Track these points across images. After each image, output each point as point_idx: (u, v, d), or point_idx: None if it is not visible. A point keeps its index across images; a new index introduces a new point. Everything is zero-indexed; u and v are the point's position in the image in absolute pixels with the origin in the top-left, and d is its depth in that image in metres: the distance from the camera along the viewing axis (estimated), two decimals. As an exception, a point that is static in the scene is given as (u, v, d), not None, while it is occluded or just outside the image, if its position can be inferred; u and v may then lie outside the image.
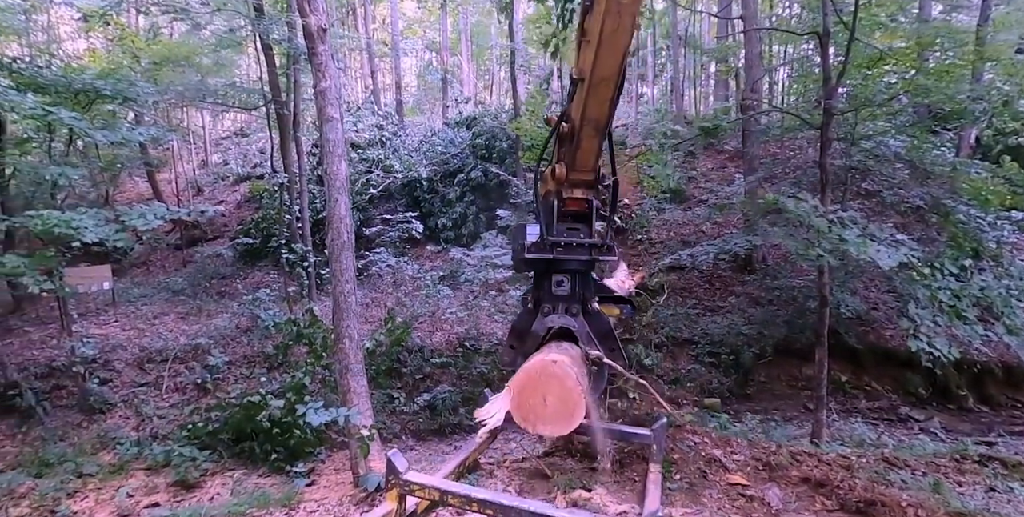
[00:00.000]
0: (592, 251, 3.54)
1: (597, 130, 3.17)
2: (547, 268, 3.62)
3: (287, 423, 7.59)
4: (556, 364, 2.99)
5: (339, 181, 7.03)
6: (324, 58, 7.23)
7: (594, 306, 3.67)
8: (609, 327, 3.64)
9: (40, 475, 7.87)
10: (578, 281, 3.63)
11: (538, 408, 3.01)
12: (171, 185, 21.27)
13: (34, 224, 7.16)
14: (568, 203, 3.49)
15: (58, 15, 23.83)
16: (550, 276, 3.64)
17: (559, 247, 3.46)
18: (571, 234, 3.53)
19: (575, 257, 3.53)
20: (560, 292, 3.64)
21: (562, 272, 3.61)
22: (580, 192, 3.46)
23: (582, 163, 3.30)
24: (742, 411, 9.57)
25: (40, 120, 8.50)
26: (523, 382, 3.06)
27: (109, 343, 10.87)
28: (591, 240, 3.54)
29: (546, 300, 3.69)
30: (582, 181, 3.39)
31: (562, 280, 3.62)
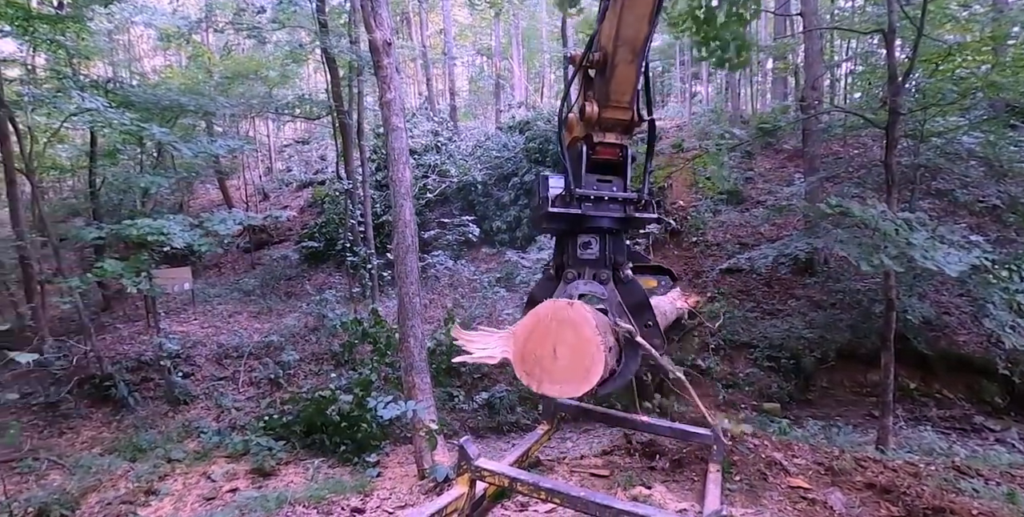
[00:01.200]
0: (627, 207, 3.05)
1: (633, 53, 2.76)
2: (572, 227, 3.11)
3: (355, 417, 8.02)
4: (572, 307, 2.52)
5: (404, 187, 7.37)
6: (389, 71, 7.60)
7: (627, 273, 3.10)
8: (645, 299, 3.10)
9: (135, 459, 8.61)
10: (609, 243, 3.12)
11: (546, 361, 2.55)
12: (239, 191, 22.48)
13: (131, 231, 7.86)
14: (599, 150, 3.02)
15: (137, 35, 25.65)
16: (575, 237, 3.15)
17: (588, 201, 2.96)
18: (602, 186, 3.05)
19: (607, 213, 3.03)
20: (587, 256, 3.14)
21: (590, 232, 3.11)
22: (613, 136, 3.01)
23: (617, 96, 2.86)
24: (803, 417, 9.39)
25: (133, 135, 9.29)
26: (530, 327, 2.60)
27: (190, 340, 11.69)
28: (626, 193, 3.06)
29: (571, 265, 3.18)
30: (616, 121, 2.93)
31: (589, 242, 3.12)
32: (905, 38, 9.83)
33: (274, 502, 4.88)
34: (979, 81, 8.14)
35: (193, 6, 21.34)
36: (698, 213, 14.73)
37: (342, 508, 5.00)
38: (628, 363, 3.02)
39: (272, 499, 4.94)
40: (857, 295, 10.95)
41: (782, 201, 12.99)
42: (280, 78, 17.38)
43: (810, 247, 10.17)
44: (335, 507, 5.00)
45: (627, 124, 2.96)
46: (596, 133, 2.97)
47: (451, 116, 21.75)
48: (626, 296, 3.08)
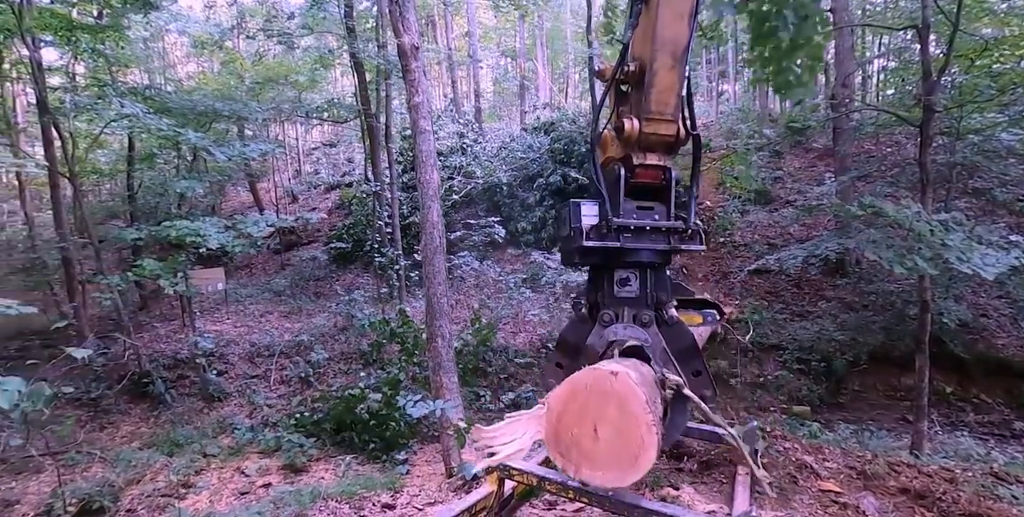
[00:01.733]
0: (671, 237, 2.72)
1: (674, 58, 2.51)
2: (609, 261, 2.79)
3: (383, 415, 8.16)
4: (616, 377, 2.11)
5: (431, 189, 7.48)
6: (417, 74, 7.72)
7: (672, 313, 2.76)
8: (693, 342, 2.76)
9: (172, 454, 8.89)
10: (651, 278, 2.78)
11: (585, 442, 2.13)
12: (269, 194, 22.95)
13: (169, 232, 8.14)
14: (639, 173, 2.69)
15: (171, 42, 26.37)
16: (612, 272, 2.81)
17: (627, 232, 2.64)
18: (643, 215, 2.72)
19: (649, 245, 2.70)
20: (626, 294, 2.79)
21: (629, 266, 2.77)
22: (655, 157, 2.69)
23: (660, 106, 2.57)
24: (834, 420, 9.24)
25: (170, 140, 9.61)
26: (566, 399, 2.21)
27: (223, 338, 12.01)
28: (670, 222, 2.72)
29: (607, 304, 2.83)
30: (659, 138, 2.61)
31: (628, 277, 2.78)
32: (940, 33, 9.60)
33: (308, 497, 5.02)
34: (1018, 76, 7.92)
35: (225, 14, 21.92)
36: (725, 213, 14.57)
37: (373, 504, 5.13)
38: (675, 419, 2.67)
39: (306, 494, 5.08)
40: (890, 297, 10.73)
41: (812, 201, 12.78)
42: (309, 82, 17.74)
43: (841, 248, 10.00)
44: (366, 503, 5.13)
45: (671, 141, 2.65)
46: (636, 154, 2.65)
47: (476, 118, 21.89)
48: (672, 340, 2.72)
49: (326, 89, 22.61)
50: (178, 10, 17.89)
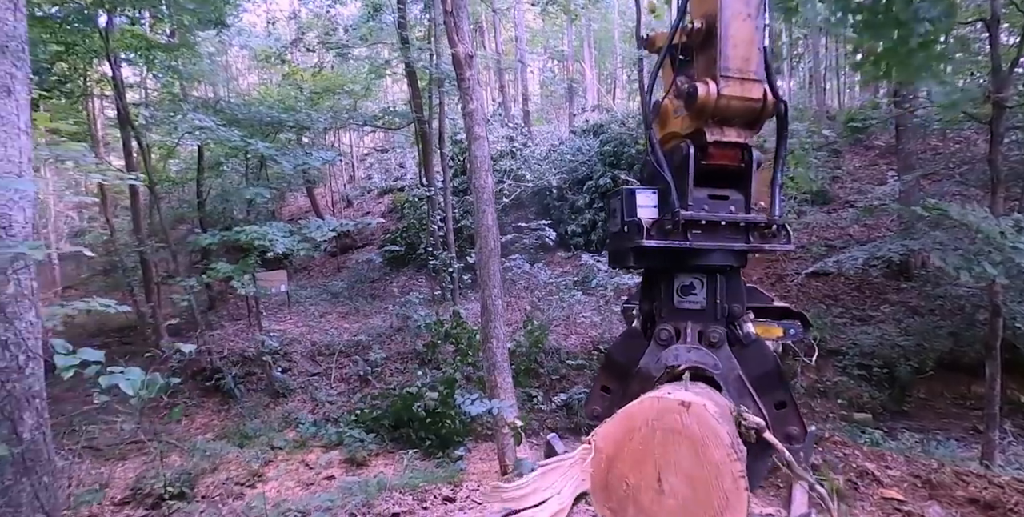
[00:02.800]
0: (751, 234, 2.19)
1: (749, 4, 2.06)
2: (671, 264, 2.26)
3: (439, 413, 8.44)
4: (689, 410, 1.61)
5: (486, 194, 7.69)
6: (471, 82, 7.95)
7: (748, 329, 2.24)
8: (775, 366, 2.20)
9: (242, 445, 9.43)
10: (721, 286, 2.24)
11: (646, 496, 1.60)
12: (324, 199, 23.82)
13: (240, 237, 8.69)
14: (712, 153, 2.14)
15: (234, 55, 27.74)
16: (672, 277, 2.30)
17: (697, 228, 2.12)
18: (717, 206, 2.19)
19: (724, 245, 2.17)
20: (689, 305, 2.27)
21: (694, 270, 2.26)
22: (734, 132, 2.13)
23: (740, 62, 2.05)
24: (898, 428, 8.94)
25: (240, 150, 10.24)
26: (620, 438, 1.68)
27: (287, 337, 12.62)
28: (749, 215, 2.18)
29: (665, 318, 2.31)
30: (742, 104, 2.06)
31: (692, 284, 2.27)
32: (1012, 24, 9.16)
33: (374, 487, 5.31)
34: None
35: (284, 27, 22.94)
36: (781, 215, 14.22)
37: (434, 496, 5.37)
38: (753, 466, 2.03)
39: (372, 484, 5.37)
40: (959, 300, 10.28)
41: (873, 201, 12.36)
42: (363, 91, 18.40)
43: (905, 250, 9.66)
44: (428, 495, 5.38)
45: (756, 109, 2.09)
46: (710, 128, 2.09)
47: (525, 121, 22.11)
48: (748, 364, 2.15)
49: (379, 96, 23.32)
50: (241, 26, 18.92)
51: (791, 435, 2.04)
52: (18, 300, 2.57)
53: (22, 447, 2.50)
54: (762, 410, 2.05)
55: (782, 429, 2.04)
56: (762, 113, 2.12)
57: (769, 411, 2.06)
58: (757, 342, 2.20)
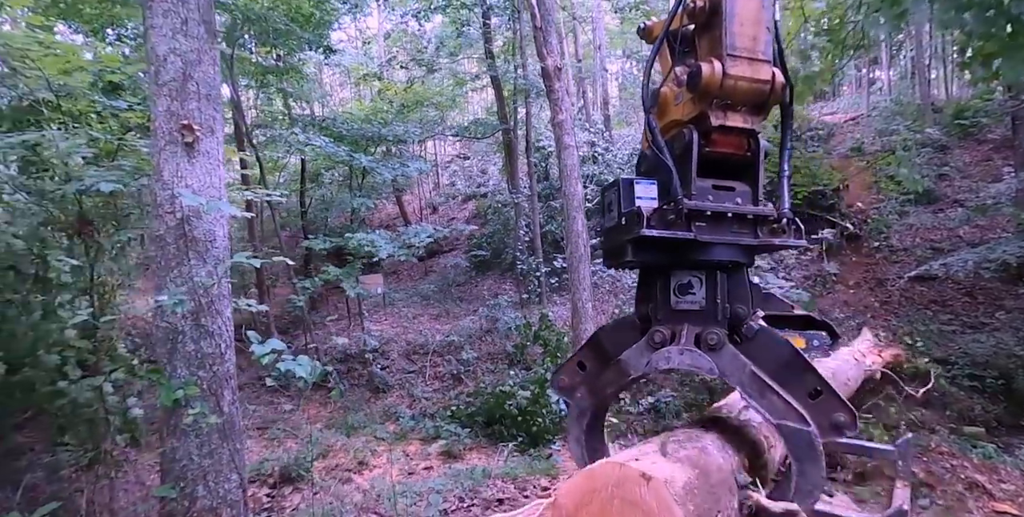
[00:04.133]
0: (759, 228, 2.06)
1: None
2: (670, 259, 2.10)
3: (530, 412, 8.82)
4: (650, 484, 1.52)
5: (576, 201, 8.02)
6: (560, 93, 8.30)
7: (752, 324, 2.05)
8: (791, 353, 1.98)
9: (348, 435, 10.24)
10: (722, 284, 2.09)
11: None
12: (411, 205, 24.95)
13: (348, 243, 9.51)
14: (716, 139, 2.02)
15: (329, 73, 29.65)
16: (669, 276, 2.16)
17: (702, 219, 1.97)
18: (722, 197, 2.05)
19: (731, 239, 2.02)
20: (686, 305, 2.12)
21: (695, 266, 2.10)
22: (740, 117, 2.00)
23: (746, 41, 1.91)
24: (1015, 444, 8.34)
25: (346, 163, 11.17)
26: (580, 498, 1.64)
27: (384, 337, 13.50)
28: (757, 208, 2.06)
29: (662, 320, 2.17)
30: (749, 85, 1.93)
31: (690, 283, 2.11)
32: None
33: (480, 474, 5.75)
34: None
35: (375, 45, 24.33)
36: (880, 215, 13.57)
37: (534, 486, 5.74)
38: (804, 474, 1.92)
39: (478, 472, 5.82)
40: (1088, 307, 9.46)
41: (987, 200, 11.55)
42: (450, 102, 19.25)
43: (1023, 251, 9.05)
44: (528, 484, 5.76)
45: (764, 92, 1.97)
46: (714, 112, 1.97)
47: (605, 125, 22.23)
48: (761, 358, 1.97)
49: (463, 105, 24.20)
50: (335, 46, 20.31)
51: (839, 424, 1.85)
52: (220, 299, 3.20)
53: (223, 418, 3.11)
54: (792, 405, 1.85)
55: (827, 419, 1.85)
56: (770, 96, 1.99)
57: (804, 403, 1.87)
58: (762, 332, 2.02)
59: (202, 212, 3.00)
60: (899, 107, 17.51)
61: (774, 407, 1.90)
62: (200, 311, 3.02)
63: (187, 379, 2.97)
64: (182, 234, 3.00)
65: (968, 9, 3.34)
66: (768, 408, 1.91)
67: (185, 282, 2.98)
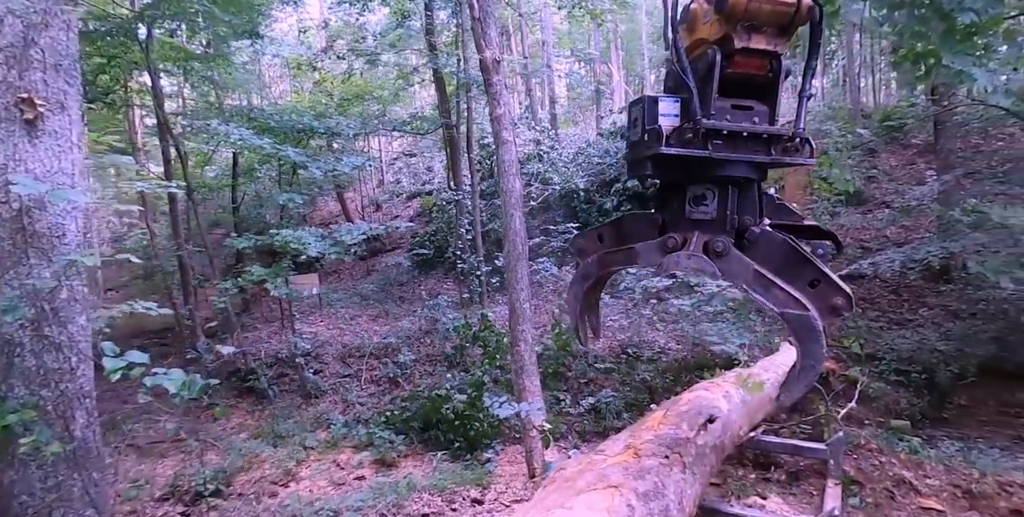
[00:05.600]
0: (773, 147, 2.16)
1: None
2: (689, 175, 2.24)
3: (468, 416, 8.51)
4: None
5: (514, 197, 7.73)
6: (498, 87, 8.00)
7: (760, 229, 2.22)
8: (791, 247, 2.14)
9: (275, 445, 9.65)
10: (733, 198, 2.22)
11: None
12: (354, 203, 24.22)
13: (274, 241, 8.92)
14: (738, 61, 2.06)
15: (265, 64, 28.40)
16: (685, 187, 2.29)
17: (718, 137, 2.06)
18: (739, 116, 2.13)
19: (744, 156, 2.12)
20: (700, 215, 2.25)
21: (712, 181, 2.22)
22: (764, 39, 2.03)
23: None
24: (937, 437, 8.66)
25: (273, 157, 10.52)
26: None
27: (319, 340, 12.88)
28: (773, 128, 2.15)
29: (676, 225, 2.31)
30: (772, 10, 1.96)
31: (704, 195, 2.23)
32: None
33: (404, 488, 5.39)
34: None
35: (315, 36, 23.41)
36: (814, 215, 13.94)
37: (463, 498, 5.42)
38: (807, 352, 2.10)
39: (403, 485, 5.46)
40: (1003, 304, 9.91)
41: (911, 202, 12.02)
42: (392, 97, 18.68)
43: (945, 252, 9.38)
44: (457, 496, 5.43)
45: (789, 14, 1.98)
46: (738, 34, 1.98)
47: (552, 124, 22.13)
48: (763, 257, 2.13)
49: (407, 101, 23.63)
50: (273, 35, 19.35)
51: (836, 306, 2.05)
52: (70, 305, 2.72)
53: (74, 444, 2.64)
54: (795, 295, 2.05)
55: (826, 303, 2.04)
56: (796, 18, 2.01)
57: (805, 293, 2.06)
58: (763, 234, 2.18)
59: (47, 202, 2.53)
60: (832, 111, 18.14)
61: (777, 299, 2.07)
62: (42, 319, 2.55)
63: (25, 400, 2.50)
64: (20, 228, 2.52)
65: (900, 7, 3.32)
66: (772, 300, 2.08)
67: (22, 285, 2.50)
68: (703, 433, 3.00)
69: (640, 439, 2.56)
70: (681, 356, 10.35)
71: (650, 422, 2.78)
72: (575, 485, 2.05)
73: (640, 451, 2.42)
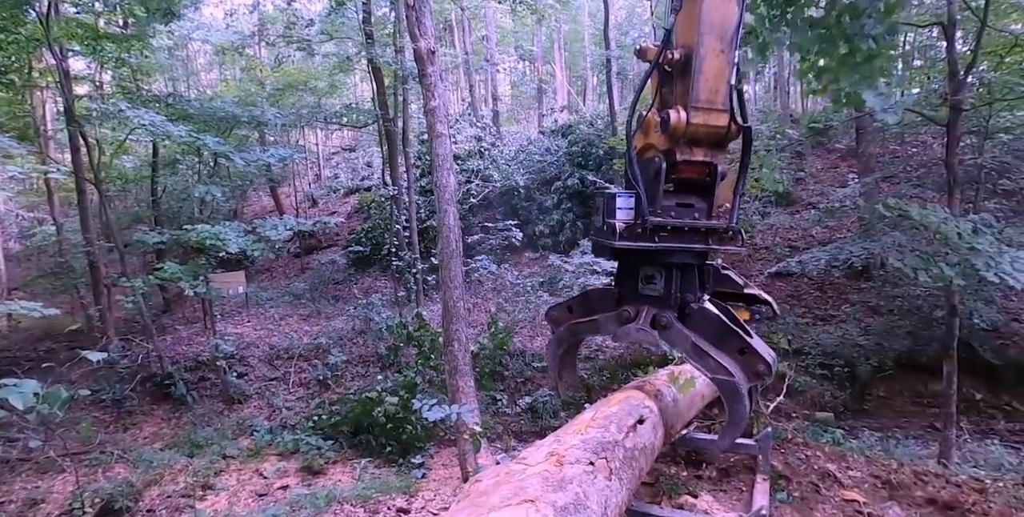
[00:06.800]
0: (710, 238, 2.56)
1: (724, 41, 2.29)
2: (642, 259, 2.63)
3: (400, 419, 8.18)
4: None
5: (448, 193, 7.47)
6: (433, 79, 7.72)
7: (698, 305, 2.60)
8: (721, 323, 2.50)
9: (192, 455, 9.00)
10: (677, 279, 2.59)
11: None
12: (289, 198, 23.23)
13: (190, 236, 8.28)
14: (682, 168, 2.47)
15: (194, 50, 26.85)
16: (638, 267, 2.68)
17: (664, 231, 2.46)
18: (682, 212, 2.53)
19: (686, 245, 2.52)
20: (649, 291, 2.63)
21: (659, 264, 2.60)
22: (702, 152, 2.45)
23: (708, 94, 2.32)
24: (858, 427, 9.03)
25: (190, 146, 9.78)
26: None
27: (244, 341, 12.17)
28: (710, 222, 2.55)
29: (628, 299, 2.69)
30: (708, 130, 2.38)
31: (653, 276, 2.61)
32: (967, 30, 9.37)
33: (323, 500, 5.03)
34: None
35: (246, 22, 22.29)
36: (745, 215, 14.37)
37: (388, 508, 5.12)
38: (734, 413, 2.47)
39: (321, 497, 5.10)
40: (917, 300, 10.47)
41: (835, 203, 12.54)
42: (328, 88, 17.95)
43: (866, 252, 9.80)
44: (381, 506, 5.13)
45: (721, 134, 2.42)
46: (680, 148, 2.41)
47: (494, 121, 21.93)
48: (700, 330, 2.51)
49: (345, 94, 22.85)
50: (201, 19, 18.24)
51: (758, 372, 2.42)
52: None
53: None
54: (724, 364, 2.42)
55: (750, 370, 2.42)
56: (726, 138, 2.46)
57: (734, 359, 2.44)
58: (699, 310, 2.56)
59: None
60: (763, 115, 18.82)
61: (709, 366, 2.45)
62: None
63: None
64: None
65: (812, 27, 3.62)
66: (705, 367, 2.47)
67: None
68: (632, 435, 2.87)
69: (565, 445, 2.39)
70: (618, 354, 10.36)
71: (577, 425, 2.63)
72: (488, 501, 1.85)
73: (563, 458, 2.24)
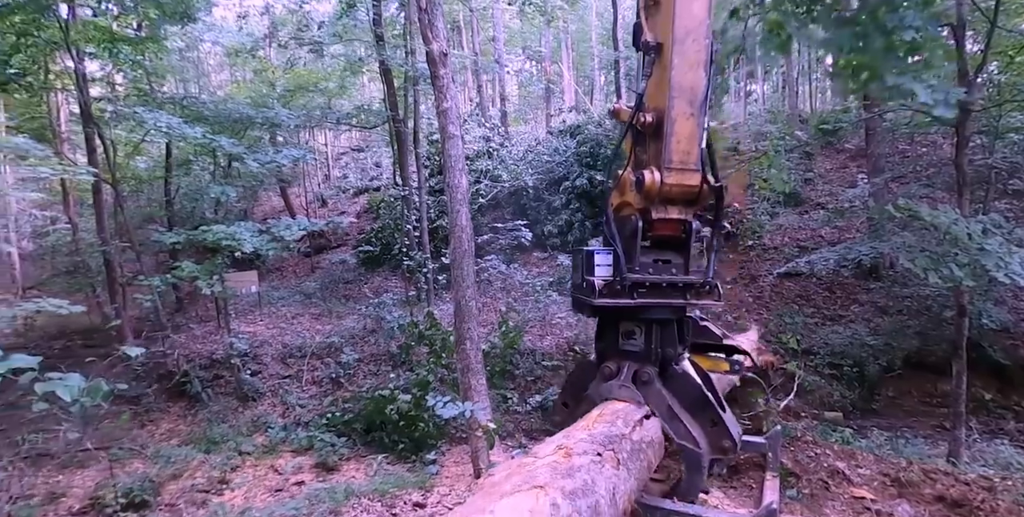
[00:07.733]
0: (688, 293, 2.60)
1: (693, 105, 2.39)
2: (621, 316, 2.69)
3: (413, 416, 8.29)
4: None
5: (460, 193, 7.57)
6: (445, 80, 7.81)
7: (675, 368, 2.65)
8: (702, 394, 2.58)
9: (208, 451, 9.16)
10: (657, 334, 2.63)
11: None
12: (299, 198, 23.42)
13: (206, 236, 8.43)
14: (657, 226, 2.55)
15: (206, 51, 27.08)
16: (618, 323, 2.74)
17: (642, 287, 2.50)
18: (660, 269, 2.57)
19: (664, 301, 2.56)
20: (630, 347, 2.67)
21: (638, 320, 2.65)
22: (676, 210, 2.54)
23: (681, 155, 2.41)
24: (867, 427, 9.06)
25: (205, 147, 9.93)
26: None
27: (257, 339, 12.32)
28: (687, 277, 2.60)
29: (610, 355, 2.76)
30: (682, 190, 2.46)
31: (633, 331, 2.66)
32: (977, 30, 9.38)
33: (342, 494, 5.15)
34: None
35: (257, 24, 22.48)
36: (754, 216, 14.40)
37: (404, 502, 5.24)
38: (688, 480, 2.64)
39: (340, 491, 5.22)
40: (926, 301, 10.48)
41: (844, 203, 12.56)
42: (338, 89, 18.09)
43: (875, 252, 9.82)
44: (398, 501, 5.24)
45: (694, 193, 2.50)
46: (655, 207, 2.49)
47: (502, 122, 22.03)
48: (679, 394, 2.59)
49: (355, 95, 23.01)
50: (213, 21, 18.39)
51: (724, 448, 2.52)
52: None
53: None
54: (691, 432, 2.51)
55: (717, 443, 2.51)
56: (700, 197, 2.52)
57: (705, 429, 2.52)
58: (682, 376, 2.63)
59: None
60: (772, 115, 18.81)
61: (679, 431, 2.53)
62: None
63: None
64: None
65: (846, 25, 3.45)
66: (675, 431, 2.55)
67: None
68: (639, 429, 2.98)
69: (573, 439, 2.50)
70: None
71: (585, 421, 2.74)
72: (500, 488, 1.96)
73: (572, 450, 2.36)
